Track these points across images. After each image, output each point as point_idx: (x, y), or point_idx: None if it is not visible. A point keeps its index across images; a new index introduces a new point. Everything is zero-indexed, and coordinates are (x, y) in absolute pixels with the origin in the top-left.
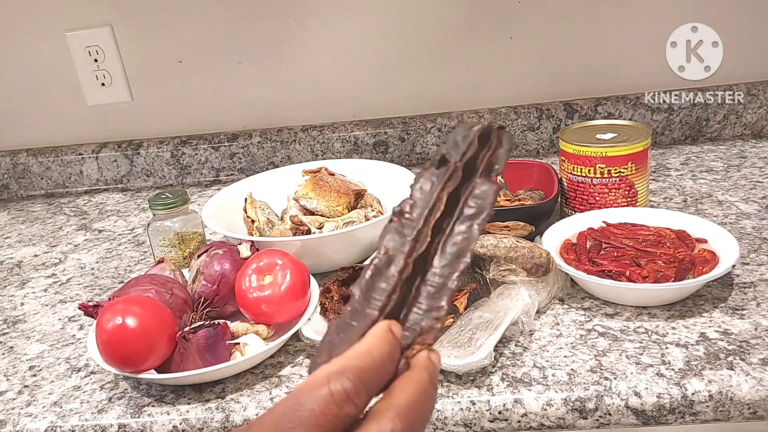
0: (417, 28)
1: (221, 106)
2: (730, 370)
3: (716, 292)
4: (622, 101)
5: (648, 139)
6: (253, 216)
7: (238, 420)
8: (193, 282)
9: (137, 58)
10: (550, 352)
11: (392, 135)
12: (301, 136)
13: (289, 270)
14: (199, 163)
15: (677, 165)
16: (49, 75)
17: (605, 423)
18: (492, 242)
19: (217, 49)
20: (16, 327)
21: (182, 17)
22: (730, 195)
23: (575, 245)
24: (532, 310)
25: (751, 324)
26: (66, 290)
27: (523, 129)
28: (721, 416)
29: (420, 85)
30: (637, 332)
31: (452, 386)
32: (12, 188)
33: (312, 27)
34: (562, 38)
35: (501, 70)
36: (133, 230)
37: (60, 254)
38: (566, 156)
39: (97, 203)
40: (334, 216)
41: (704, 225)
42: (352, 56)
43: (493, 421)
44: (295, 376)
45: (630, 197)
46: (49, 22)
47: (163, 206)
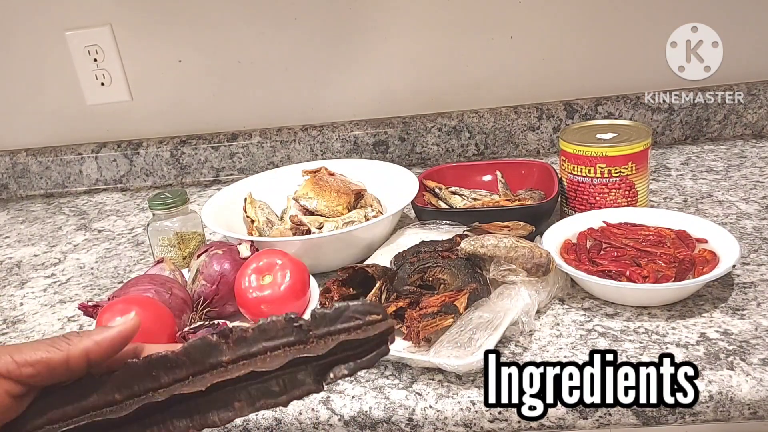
0: (417, 28)
1: (221, 106)
2: (730, 371)
3: (716, 292)
4: (622, 101)
5: (648, 139)
6: (252, 216)
7: (237, 420)
8: (192, 282)
9: (137, 58)
10: (550, 352)
11: (392, 135)
12: (300, 135)
13: (288, 270)
14: (199, 163)
15: (677, 165)
16: (49, 75)
17: (605, 423)
18: (492, 242)
19: (217, 49)
20: (15, 327)
21: (182, 17)
22: (730, 195)
23: (575, 245)
24: (532, 310)
25: (752, 324)
26: (65, 290)
27: (523, 129)
28: (721, 416)
29: (420, 85)
30: (637, 332)
31: (452, 386)
32: (11, 188)
33: (312, 27)
34: (562, 38)
35: (501, 70)
36: (133, 230)
37: (59, 254)
38: (566, 156)
39: (97, 203)
40: (334, 216)
41: (704, 225)
42: (353, 56)
43: (493, 421)
44: None
45: (630, 197)
46: (49, 22)
47: (163, 206)
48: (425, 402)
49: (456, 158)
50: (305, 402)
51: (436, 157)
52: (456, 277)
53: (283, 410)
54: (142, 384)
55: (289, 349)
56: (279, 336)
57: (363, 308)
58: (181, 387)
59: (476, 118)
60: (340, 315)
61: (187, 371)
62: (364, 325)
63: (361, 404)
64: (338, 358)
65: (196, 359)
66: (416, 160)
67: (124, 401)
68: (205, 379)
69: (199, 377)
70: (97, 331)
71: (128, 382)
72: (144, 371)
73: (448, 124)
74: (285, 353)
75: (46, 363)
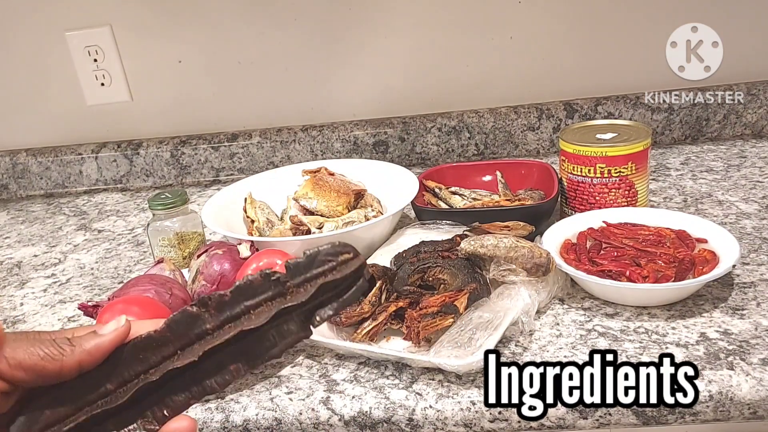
0: (417, 27)
1: (221, 106)
2: (730, 370)
3: (716, 292)
4: (622, 101)
5: (648, 139)
6: (252, 216)
7: (238, 420)
8: (192, 282)
9: (137, 58)
10: (550, 352)
11: (392, 135)
12: (300, 136)
13: None
14: (199, 163)
15: (677, 165)
16: (49, 75)
17: (605, 423)
18: (492, 242)
19: (217, 49)
20: (15, 327)
21: (182, 17)
22: (730, 195)
23: (575, 245)
24: (532, 310)
25: (752, 324)
26: (65, 290)
27: (523, 129)
28: (721, 416)
29: (420, 85)
30: (637, 332)
31: (452, 386)
32: (11, 188)
33: (312, 27)
34: (562, 38)
35: (501, 70)
36: (133, 230)
37: (59, 254)
38: (566, 156)
39: (97, 203)
40: (334, 216)
41: (704, 225)
42: (352, 56)
43: (493, 421)
44: (294, 376)
45: (630, 197)
46: (49, 22)
47: (163, 206)
48: (425, 402)
49: (456, 158)
50: (305, 402)
51: (436, 157)
52: (456, 277)
53: (283, 410)
54: (131, 369)
55: (271, 303)
56: (258, 293)
57: (333, 250)
58: (172, 362)
59: (476, 118)
60: (313, 260)
61: (174, 347)
62: (338, 265)
63: (361, 404)
64: (321, 301)
65: (181, 333)
66: (416, 160)
67: (118, 390)
68: (194, 350)
69: (188, 349)
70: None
71: (118, 370)
72: (131, 356)
73: (448, 124)
74: (268, 308)
75: (39, 371)
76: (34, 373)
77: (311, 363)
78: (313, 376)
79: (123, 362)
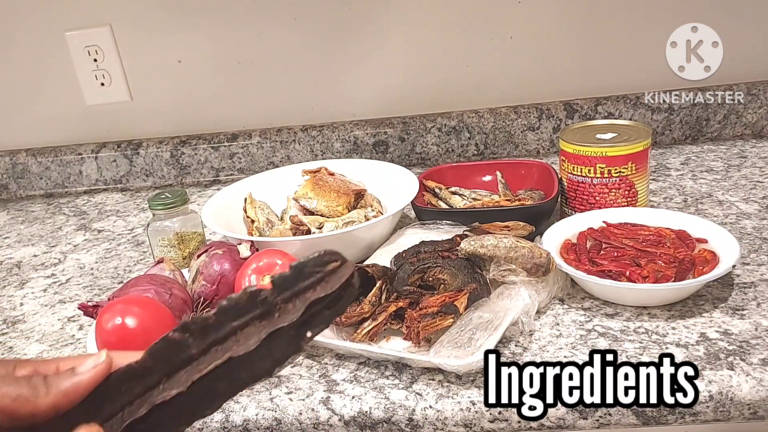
0: (417, 27)
1: (221, 106)
2: (730, 371)
3: (716, 292)
4: (622, 101)
5: (648, 139)
6: (252, 216)
7: (237, 420)
8: (192, 282)
9: (137, 58)
10: (550, 352)
11: (392, 135)
12: (300, 136)
13: None
14: (199, 163)
15: (677, 165)
16: (49, 75)
17: (605, 423)
18: (492, 242)
19: (217, 49)
20: (15, 327)
21: (182, 17)
22: (730, 195)
23: (575, 245)
24: (532, 310)
25: (752, 324)
26: (65, 290)
27: (523, 129)
28: (721, 416)
29: (420, 85)
30: (637, 332)
31: (452, 386)
32: (11, 188)
33: (312, 27)
34: (562, 38)
35: (501, 70)
36: (133, 230)
37: (59, 254)
38: (566, 156)
39: (97, 203)
40: (334, 216)
41: (704, 225)
42: (353, 56)
43: (493, 421)
44: (294, 376)
45: (630, 197)
46: (49, 22)
47: (163, 206)
48: (425, 402)
49: (456, 158)
50: (305, 402)
51: (436, 157)
52: (456, 277)
53: (283, 410)
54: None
55: (259, 323)
56: (245, 312)
57: (320, 260)
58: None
59: (476, 118)
60: (300, 273)
61: (158, 375)
62: (326, 276)
63: (361, 404)
64: (310, 314)
65: (163, 361)
66: (416, 160)
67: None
68: (180, 377)
69: (174, 377)
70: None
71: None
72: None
73: (448, 124)
74: (256, 327)
75: (10, 413)
76: (5, 416)
77: (311, 363)
78: (313, 376)
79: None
